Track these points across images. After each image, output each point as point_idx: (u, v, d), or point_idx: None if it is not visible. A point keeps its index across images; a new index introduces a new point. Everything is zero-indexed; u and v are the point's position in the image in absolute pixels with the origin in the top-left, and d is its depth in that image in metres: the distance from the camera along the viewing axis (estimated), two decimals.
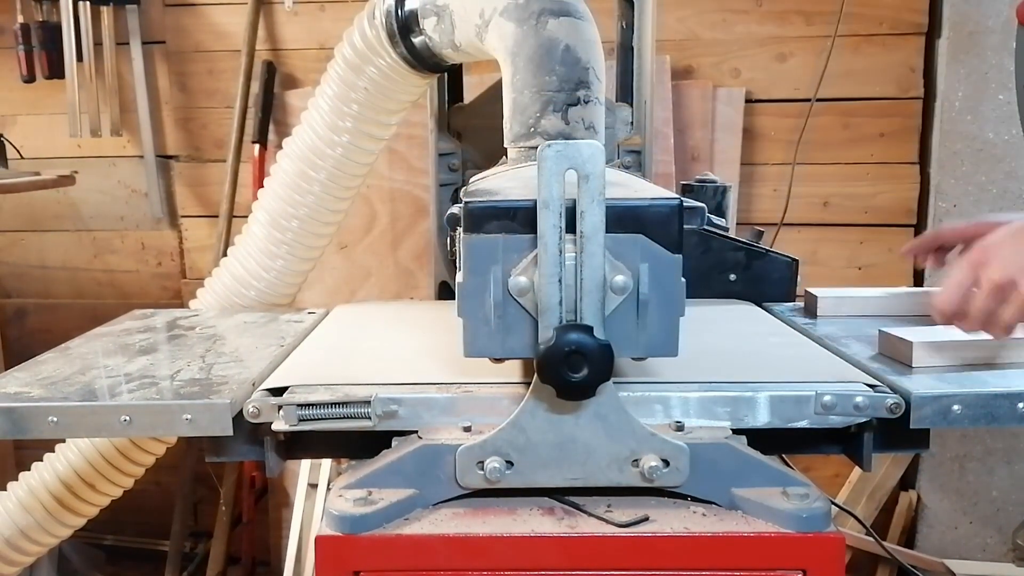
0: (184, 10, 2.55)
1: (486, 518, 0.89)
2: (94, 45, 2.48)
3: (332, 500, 0.90)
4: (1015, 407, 0.90)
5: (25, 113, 2.67)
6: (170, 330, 1.33)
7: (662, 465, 0.88)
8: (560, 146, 0.81)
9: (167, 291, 2.73)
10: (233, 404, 0.93)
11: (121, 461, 1.57)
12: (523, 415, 0.88)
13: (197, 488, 2.66)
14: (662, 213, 0.85)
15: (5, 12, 2.51)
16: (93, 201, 2.72)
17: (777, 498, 0.88)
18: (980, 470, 2.41)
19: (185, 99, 2.60)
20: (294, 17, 2.53)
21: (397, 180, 2.45)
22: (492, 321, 0.86)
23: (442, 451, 0.90)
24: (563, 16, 1.11)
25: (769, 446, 0.95)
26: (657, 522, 0.88)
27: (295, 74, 2.56)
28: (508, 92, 1.11)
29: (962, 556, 2.42)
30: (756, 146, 2.47)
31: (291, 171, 1.52)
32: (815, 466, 2.40)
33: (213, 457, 1.01)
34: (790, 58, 2.43)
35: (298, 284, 1.60)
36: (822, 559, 0.86)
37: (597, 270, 0.83)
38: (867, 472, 1.24)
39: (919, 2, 2.37)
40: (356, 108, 1.47)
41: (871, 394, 0.91)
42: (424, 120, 1.63)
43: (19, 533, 1.61)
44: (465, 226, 0.86)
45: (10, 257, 2.78)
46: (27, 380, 1.02)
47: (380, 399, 0.92)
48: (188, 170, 2.65)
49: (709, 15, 2.44)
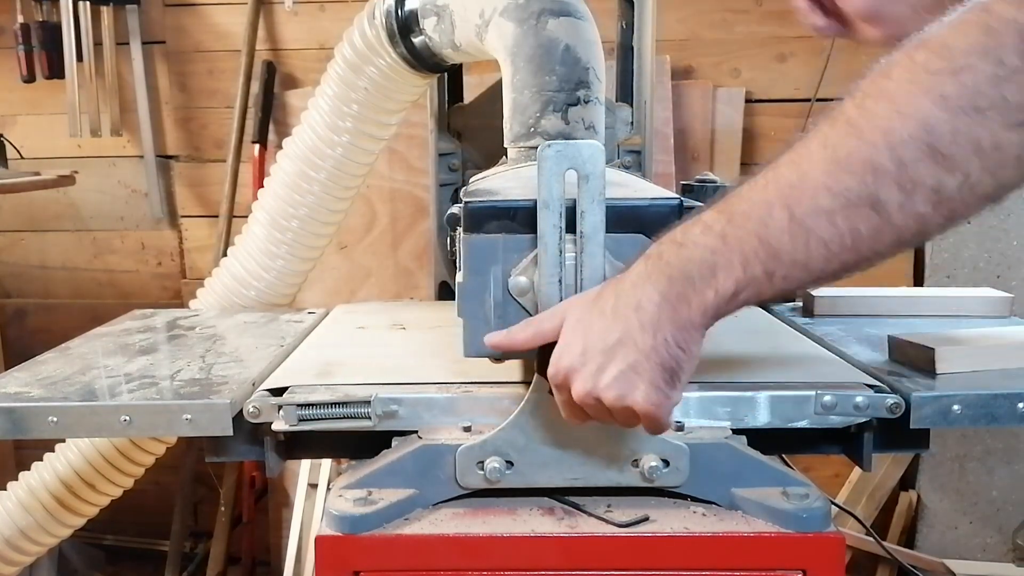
0: (184, 10, 2.55)
1: (486, 518, 0.89)
2: (94, 45, 2.48)
3: (332, 500, 0.90)
4: (1015, 407, 0.90)
5: (25, 113, 2.67)
6: (170, 330, 1.33)
7: (662, 465, 0.88)
8: (560, 146, 0.81)
9: (167, 291, 2.73)
10: (233, 404, 0.93)
11: (121, 461, 1.57)
12: (523, 415, 0.88)
13: (197, 488, 2.66)
14: (662, 213, 0.86)
15: (5, 12, 2.50)
16: (93, 201, 2.71)
17: (777, 498, 0.88)
18: (980, 470, 2.41)
19: (185, 99, 2.60)
20: (294, 17, 2.53)
21: (397, 180, 2.45)
22: (492, 321, 0.86)
23: (442, 451, 0.90)
24: (563, 16, 1.11)
25: (769, 446, 0.95)
26: (657, 522, 0.88)
27: (295, 74, 2.56)
28: (508, 92, 1.11)
29: (962, 556, 2.41)
30: (756, 146, 2.47)
31: (291, 171, 1.52)
32: (815, 466, 2.40)
33: (213, 457, 1.01)
34: (790, 58, 2.43)
35: (298, 284, 1.60)
36: (822, 559, 0.86)
37: (597, 270, 0.83)
38: (867, 472, 1.24)
39: None
40: (356, 108, 1.47)
41: (871, 394, 0.91)
42: (424, 120, 1.63)
43: (19, 533, 1.61)
44: (465, 226, 0.86)
45: (10, 257, 2.78)
46: (27, 380, 1.03)
47: (380, 399, 0.92)
48: (188, 170, 2.65)
49: (709, 15, 2.44)
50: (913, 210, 0.70)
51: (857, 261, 0.74)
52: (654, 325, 0.75)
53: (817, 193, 0.71)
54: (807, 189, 0.71)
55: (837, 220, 0.70)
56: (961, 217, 0.71)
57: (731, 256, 0.74)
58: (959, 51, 0.67)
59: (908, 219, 0.70)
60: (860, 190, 0.69)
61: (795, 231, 0.71)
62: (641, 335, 0.76)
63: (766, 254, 0.73)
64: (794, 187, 0.72)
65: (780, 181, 0.73)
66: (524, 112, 1.07)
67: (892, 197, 0.69)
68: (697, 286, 0.75)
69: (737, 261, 0.74)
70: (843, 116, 0.71)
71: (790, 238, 0.72)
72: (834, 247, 0.71)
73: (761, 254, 0.73)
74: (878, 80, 0.70)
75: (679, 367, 0.77)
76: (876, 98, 0.70)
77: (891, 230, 0.71)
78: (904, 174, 0.69)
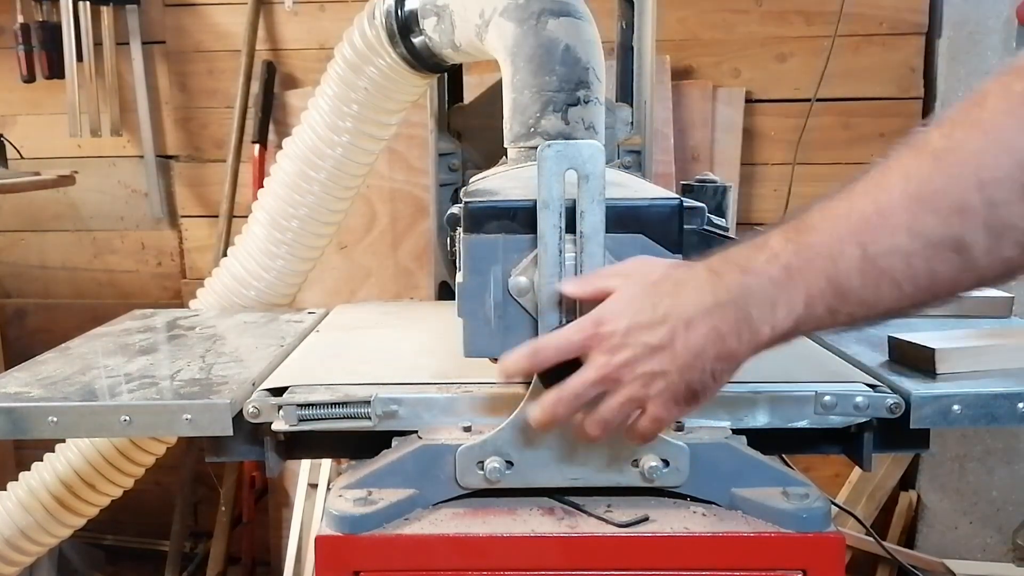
0: (184, 10, 2.55)
1: (486, 518, 0.89)
2: (94, 45, 2.47)
3: (332, 500, 0.90)
4: (1015, 407, 0.90)
5: (25, 113, 2.67)
6: (170, 330, 1.33)
7: (662, 465, 0.88)
8: (560, 146, 0.81)
9: (167, 291, 2.73)
10: (233, 404, 0.93)
11: (121, 461, 1.57)
12: (523, 415, 0.88)
13: (197, 488, 2.66)
14: (662, 213, 0.86)
15: (5, 12, 2.50)
16: (93, 201, 2.71)
17: (777, 498, 0.88)
18: (980, 470, 2.41)
19: (185, 99, 2.60)
20: (294, 17, 2.53)
21: (397, 180, 2.45)
22: (492, 321, 0.86)
23: (442, 451, 0.90)
24: (563, 16, 1.11)
25: (769, 446, 0.95)
26: (657, 522, 0.88)
27: (295, 74, 2.56)
28: (508, 92, 1.11)
29: (962, 556, 2.41)
30: (756, 146, 2.47)
31: (291, 171, 1.52)
32: (815, 466, 2.40)
33: (213, 457, 1.01)
34: (790, 58, 2.43)
35: (298, 284, 1.60)
36: (822, 559, 0.86)
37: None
38: (867, 472, 1.24)
39: (919, 2, 2.36)
40: (356, 108, 1.47)
41: (871, 394, 0.91)
42: (424, 120, 1.63)
43: (19, 533, 1.61)
44: (465, 226, 0.86)
45: (10, 257, 2.77)
46: (27, 380, 1.03)
47: (380, 399, 0.92)
48: (188, 170, 2.65)
49: (709, 15, 2.44)
50: (1000, 255, 0.64)
51: (930, 301, 0.69)
52: (698, 349, 0.73)
53: (895, 231, 0.65)
54: (885, 226, 0.65)
55: (915, 261, 0.65)
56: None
57: (794, 294, 0.69)
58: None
59: (994, 263, 0.64)
60: (944, 231, 0.63)
61: (867, 270, 0.66)
62: (683, 351, 0.73)
63: (833, 294, 0.68)
64: (869, 222, 0.66)
65: (854, 214, 0.67)
66: (524, 112, 1.07)
67: (979, 240, 0.63)
68: (753, 323, 0.70)
69: (800, 299, 0.69)
70: (928, 146, 0.65)
71: (860, 278, 0.66)
72: (908, 288, 0.66)
73: (828, 294, 0.68)
74: (971, 109, 0.64)
75: (703, 392, 0.75)
76: (968, 129, 0.63)
77: (973, 274, 0.65)
78: (994, 216, 0.62)
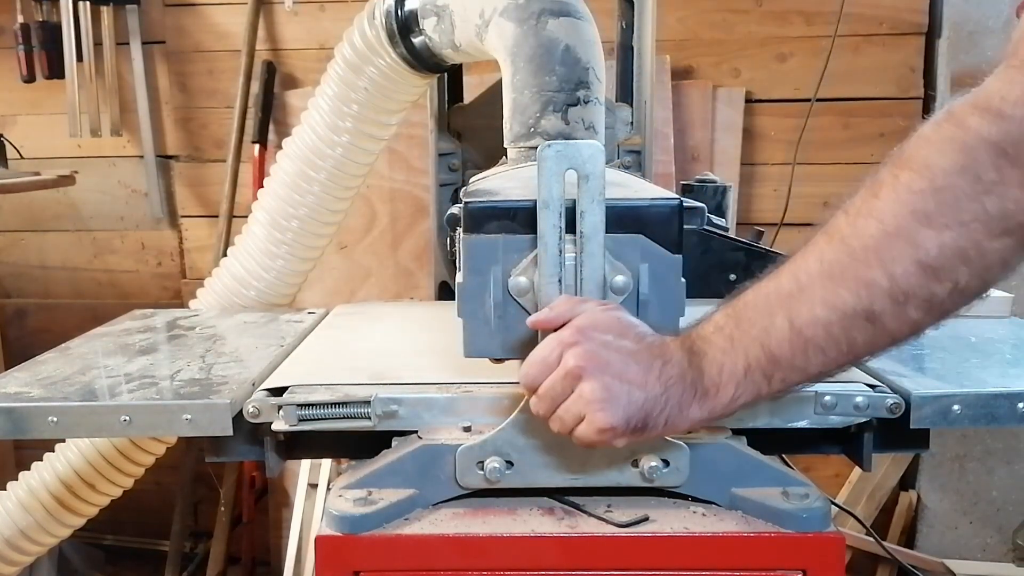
0: (184, 10, 2.55)
1: (486, 518, 0.89)
2: (94, 45, 2.47)
3: (332, 500, 0.90)
4: (1015, 407, 0.90)
5: (25, 113, 2.67)
6: (170, 330, 1.33)
7: (662, 465, 0.88)
8: (560, 146, 0.81)
9: (167, 291, 2.73)
10: (233, 404, 0.93)
11: (121, 461, 1.57)
12: (523, 415, 0.88)
13: (197, 488, 2.66)
14: (662, 213, 0.86)
15: (5, 12, 2.50)
16: (93, 201, 2.71)
17: (777, 498, 0.88)
18: (980, 470, 2.41)
19: (185, 99, 2.60)
20: (294, 17, 2.53)
21: (397, 180, 2.45)
22: (492, 321, 0.86)
23: (442, 451, 0.90)
24: (563, 16, 1.11)
25: (769, 446, 0.95)
26: (657, 522, 0.88)
27: (295, 74, 2.56)
28: (508, 92, 1.11)
29: (962, 556, 2.41)
30: (756, 146, 2.47)
31: (291, 171, 1.52)
32: (815, 466, 2.40)
33: (213, 457, 1.01)
34: (790, 58, 2.43)
35: (298, 284, 1.60)
36: (822, 559, 0.86)
37: (597, 270, 0.83)
38: (867, 472, 1.24)
39: (919, 2, 2.36)
40: (356, 108, 1.47)
41: (871, 394, 0.91)
42: (424, 120, 1.63)
43: (19, 533, 1.61)
44: (465, 226, 0.86)
45: (10, 257, 2.78)
46: (27, 380, 1.03)
47: (380, 399, 0.92)
48: (188, 170, 2.65)
49: (709, 15, 2.44)
50: (907, 317, 0.75)
51: (852, 362, 0.80)
52: (657, 376, 0.79)
53: (814, 305, 0.75)
54: (806, 300, 0.76)
55: (834, 330, 0.75)
56: (954, 315, 0.76)
57: (737, 360, 0.78)
58: (939, 170, 0.72)
59: (902, 325, 0.75)
60: (855, 303, 0.74)
61: (794, 340, 0.76)
62: (638, 367, 0.79)
63: (767, 360, 0.77)
64: (793, 297, 0.77)
65: (782, 290, 0.78)
66: (524, 112, 1.07)
67: (886, 308, 0.74)
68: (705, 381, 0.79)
69: (741, 366, 0.78)
70: (838, 233, 0.76)
71: (790, 346, 0.77)
72: (831, 353, 0.77)
73: (763, 360, 0.77)
74: (868, 200, 0.75)
75: (652, 426, 0.79)
76: (867, 217, 0.75)
77: (886, 336, 0.76)
78: (896, 287, 0.73)
